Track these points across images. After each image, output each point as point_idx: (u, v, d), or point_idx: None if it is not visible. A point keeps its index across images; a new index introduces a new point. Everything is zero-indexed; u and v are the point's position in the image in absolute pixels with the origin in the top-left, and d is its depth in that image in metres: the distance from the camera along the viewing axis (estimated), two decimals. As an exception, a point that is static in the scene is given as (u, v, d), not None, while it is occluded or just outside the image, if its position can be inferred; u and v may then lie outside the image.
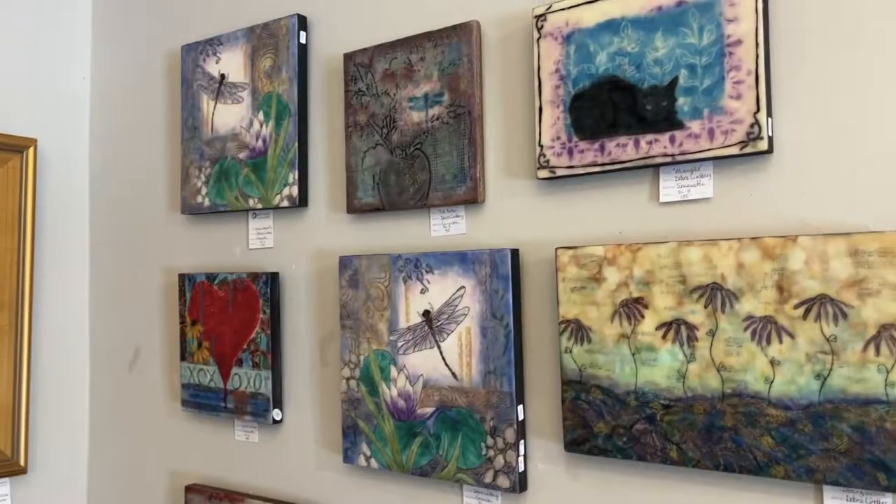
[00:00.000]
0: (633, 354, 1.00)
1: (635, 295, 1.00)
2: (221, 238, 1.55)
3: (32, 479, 1.67)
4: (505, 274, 1.12)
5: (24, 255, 1.65)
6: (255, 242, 1.49)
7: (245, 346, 1.44)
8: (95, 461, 1.76)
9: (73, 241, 1.79)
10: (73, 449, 1.76)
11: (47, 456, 1.70)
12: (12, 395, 1.62)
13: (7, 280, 1.62)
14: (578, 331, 1.04)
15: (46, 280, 1.72)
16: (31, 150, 1.67)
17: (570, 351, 1.05)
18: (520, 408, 1.11)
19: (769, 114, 0.93)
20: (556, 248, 1.06)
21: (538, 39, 1.10)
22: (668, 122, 0.99)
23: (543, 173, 1.09)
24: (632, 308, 1.00)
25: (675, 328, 0.97)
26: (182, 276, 1.55)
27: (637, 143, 1.01)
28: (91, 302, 1.79)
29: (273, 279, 1.42)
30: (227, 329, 1.47)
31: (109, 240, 1.77)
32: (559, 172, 1.08)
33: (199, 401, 1.51)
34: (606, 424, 1.02)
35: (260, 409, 1.42)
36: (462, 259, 1.16)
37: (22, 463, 1.62)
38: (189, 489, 1.51)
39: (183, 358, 1.54)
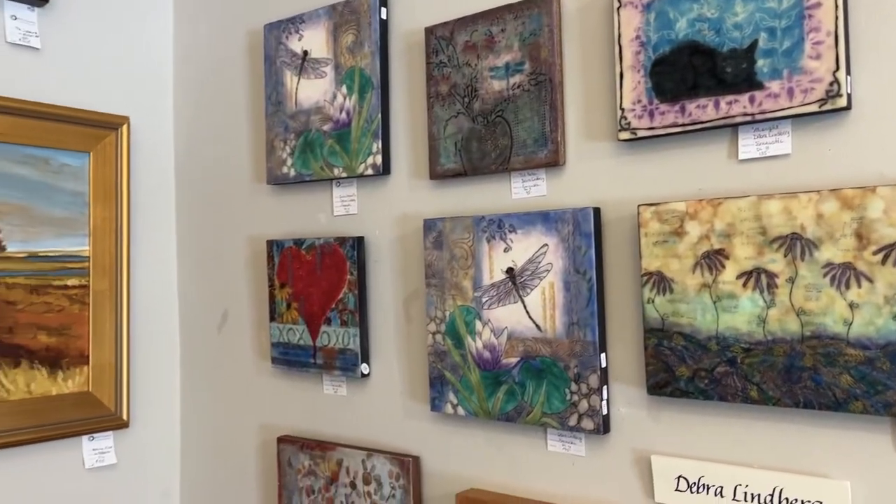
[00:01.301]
0: (715, 302, 1.07)
1: (716, 247, 1.07)
2: (306, 206, 1.64)
3: (133, 432, 1.80)
4: (587, 231, 1.20)
5: (121, 224, 1.77)
6: (340, 209, 1.58)
7: (333, 306, 1.54)
8: (187, 416, 1.89)
9: (162, 212, 1.91)
10: (168, 405, 1.89)
11: (146, 411, 1.83)
12: (115, 355, 1.75)
13: (107, 248, 1.75)
14: (661, 282, 1.12)
15: (140, 248, 1.84)
16: (124, 128, 1.78)
17: (653, 301, 1.12)
18: (602, 356, 1.19)
19: (848, 72, 0.98)
20: (639, 206, 1.13)
21: (618, 8, 1.16)
22: (748, 83, 1.05)
23: (624, 135, 1.16)
24: (713, 259, 1.07)
25: (756, 276, 1.03)
26: (270, 243, 1.65)
27: (717, 104, 1.08)
28: (179, 269, 1.92)
29: (359, 243, 1.51)
30: (316, 290, 1.57)
31: (196, 210, 1.88)
32: (640, 134, 1.15)
33: (289, 358, 1.62)
34: (688, 368, 1.09)
35: (349, 363, 1.52)
36: (545, 218, 1.24)
37: (124, 417, 1.76)
38: (281, 440, 1.63)
39: (272, 319, 1.65)
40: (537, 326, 1.25)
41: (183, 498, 1.89)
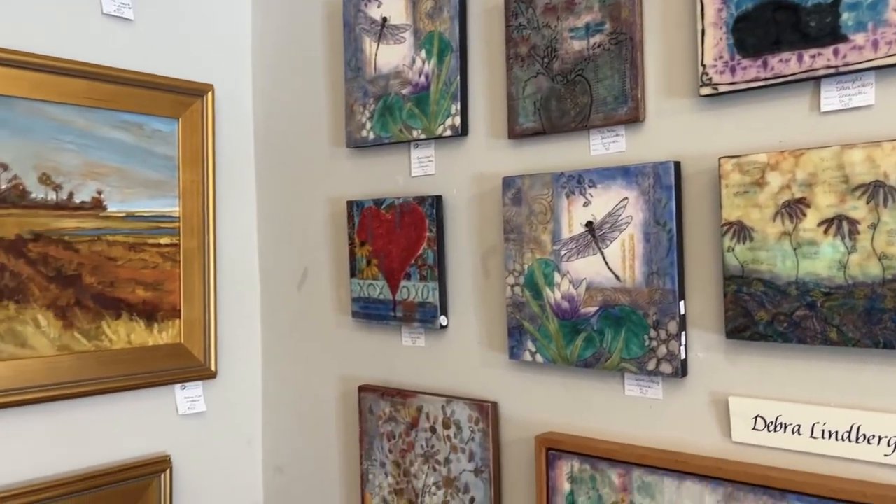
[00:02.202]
0: (795, 249, 1.11)
1: (797, 196, 1.11)
2: (384, 168, 1.72)
3: (220, 382, 1.92)
4: (668, 184, 1.25)
5: (207, 187, 1.87)
6: (418, 170, 1.65)
7: (413, 262, 1.62)
8: (268, 369, 2.00)
9: (243, 176, 2.01)
10: (251, 358, 2.01)
11: (231, 364, 1.95)
12: (203, 310, 1.86)
13: (195, 209, 1.85)
14: (741, 231, 1.16)
15: (224, 210, 1.94)
16: (209, 95, 1.88)
17: (733, 250, 1.17)
18: (681, 303, 1.25)
19: (934, 23, 1.01)
20: (720, 158, 1.18)
21: (700, -33, 1.20)
22: (832, 36, 1.08)
23: (706, 91, 1.21)
24: (794, 208, 1.12)
25: (837, 223, 1.08)
26: (350, 203, 1.73)
27: (800, 58, 1.11)
28: (259, 230, 2.02)
29: (438, 201, 1.59)
30: (395, 248, 1.65)
31: (276, 174, 1.97)
32: (721, 89, 1.19)
33: (369, 311, 1.71)
34: (767, 313, 1.14)
35: (428, 315, 1.60)
36: (625, 173, 1.30)
37: (213, 368, 1.88)
38: (362, 388, 1.72)
39: (353, 275, 1.74)
40: (616, 277, 1.31)
41: (265, 445, 2.01)
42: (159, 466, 1.76)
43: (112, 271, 1.71)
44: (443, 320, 1.60)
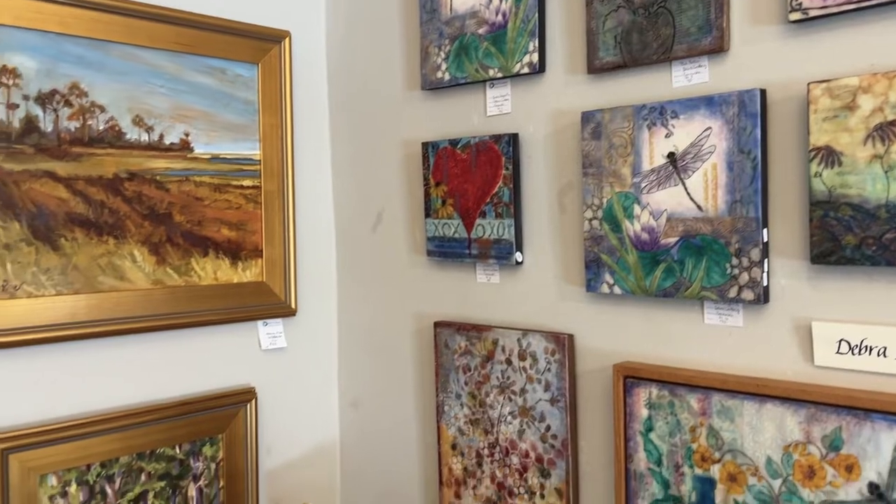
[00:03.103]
0: (886, 172, 1.12)
1: (890, 119, 1.11)
2: (459, 109, 1.75)
3: (299, 319, 2.01)
4: (753, 112, 1.25)
5: (285, 131, 1.93)
6: (493, 109, 1.68)
7: (488, 200, 1.66)
8: (344, 307, 2.08)
9: (318, 120, 2.07)
10: (328, 297, 2.09)
11: (309, 302, 2.03)
12: (283, 249, 1.94)
13: (275, 153, 1.92)
14: (829, 156, 1.17)
15: (301, 154, 2.01)
16: (286, 41, 1.93)
17: (820, 175, 1.18)
18: (764, 231, 1.26)
19: None
20: (809, 83, 1.18)
21: None
22: (932, -46, 1.07)
23: (795, 16, 1.20)
24: (886, 131, 1.11)
25: (932, 144, 1.08)
26: (425, 144, 1.78)
27: (897, -22, 1.10)
28: (334, 173, 2.08)
29: (514, 139, 1.62)
30: (471, 187, 1.69)
31: (350, 118, 2.03)
32: (812, 14, 1.18)
33: (444, 250, 1.76)
34: (855, 237, 1.15)
35: (503, 252, 1.64)
36: (708, 102, 1.30)
37: (293, 306, 1.96)
38: (437, 324, 1.78)
39: (427, 215, 1.79)
40: (698, 207, 1.33)
41: (341, 381, 2.10)
42: (245, 397, 1.86)
43: (199, 211, 1.79)
44: (518, 256, 1.64)
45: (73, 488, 1.58)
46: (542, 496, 1.58)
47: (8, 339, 1.49)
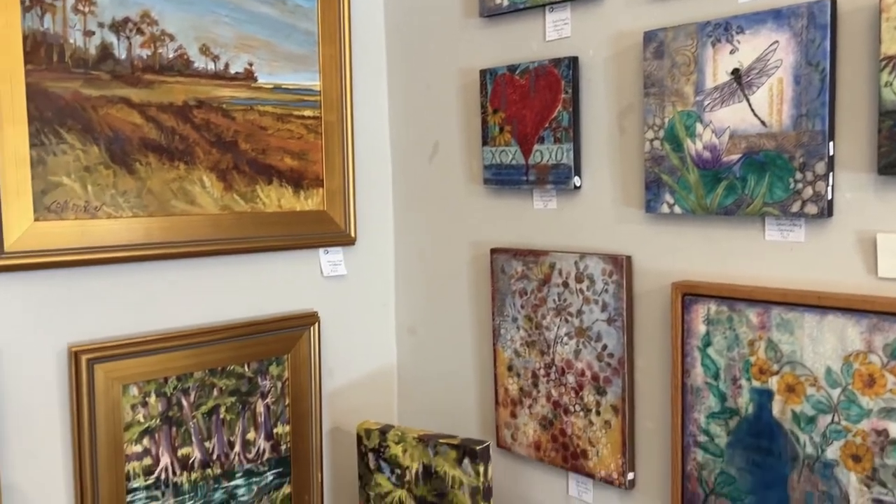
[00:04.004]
0: (961, 78, 1.11)
1: (967, 23, 1.09)
2: (517, 35, 1.76)
3: (358, 248, 2.07)
4: (823, 23, 1.24)
5: (344, 62, 1.97)
6: (552, 34, 1.69)
7: (547, 125, 1.68)
8: (401, 236, 2.13)
9: (376, 50, 2.09)
10: (385, 227, 2.14)
11: (367, 232, 2.08)
12: (342, 180, 1.99)
13: (334, 84, 1.96)
14: (901, 64, 1.16)
15: (359, 84, 2.04)
16: (344, -28, 1.95)
17: (891, 84, 1.17)
18: (830, 144, 1.26)
19: None
20: (883, -10, 1.16)
21: None
22: None
23: (870, -79, 1.18)
24: (962, 35, 1.10)
25: None
26: (483, 72, 1.79)
27: None
28: (390, 103, 2.11)
29: (574, 62, 1.62)
30: (529, 112, 1.71)
31: (407, 48, 2.05)
32: (888, -82, 1.16)
33: (501, 177, 1.79)
34: (925, 146, 1.15)
35: (561, 177, 1.67)
36: (776, 16, 1.29)
37: (352, 235, 2.02)
38: (494, 250, 1.82)
39: (485, 143, 1.81)
40: (762, 122, 1.33)
41: (398, 308, 2.16)
42: (309, 320, 1.93)
43: (263, 139, 1.85)
44: (576, 181, 1.66)
45: (152, 399, 1.68)
46: (598, 413, 1.63)
47: (93, 257, 1.58)
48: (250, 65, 1.82)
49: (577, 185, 1.66)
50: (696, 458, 1.46)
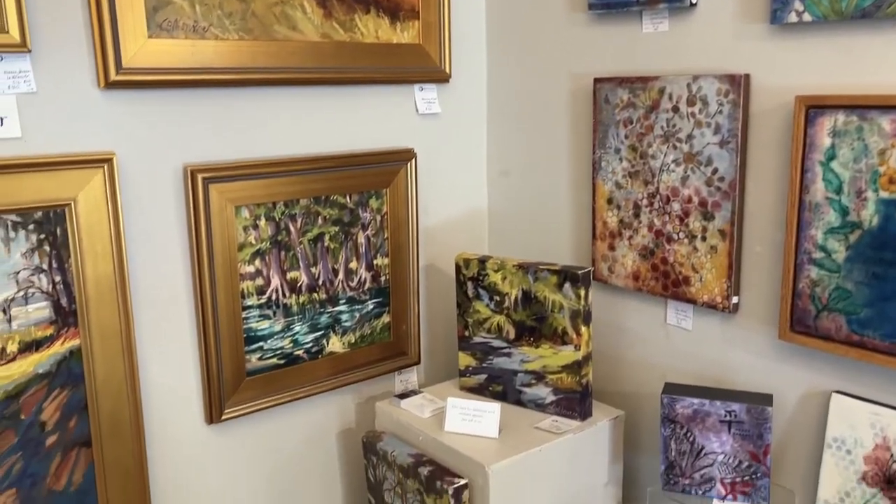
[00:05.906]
0: None
1: None
2: None
3: (453, 86, 2.04)
4: None
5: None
6: None
7: (662, -63, 1.58)
8: (495, 73, 2.09)
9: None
10: (479, 63, 2.11)
11: (461, 68, 2.05)
12: (438, 12, 1.94)
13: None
14: None
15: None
16: None
17: None
18: None
19: None
20: None
21: None
22: None
23: None
24: None
25: None
26: None
27: None
28: None
29: None
30: (643, -75, 1.61)
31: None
32: None
33: (608, 1, 1.72)
34: None
35: (676, -6, 1.59)
36: None
37: (447, 71, 1.99)
38: (598, 80, 1.77)
39: (591, -36, 1.73)
40: None
41: (490, 150, 2.15)
42: (406, 156, 1.95)
43: (361, -35, 1.80)
44: (692, -3, 1.58)
45: (262, 222, 1.74)
46: (704, 238, 1.62)
47: (203, 78, 1.60)
48: None
49: (694, 1, 1.58)
50: (810, 275, 1.44)
